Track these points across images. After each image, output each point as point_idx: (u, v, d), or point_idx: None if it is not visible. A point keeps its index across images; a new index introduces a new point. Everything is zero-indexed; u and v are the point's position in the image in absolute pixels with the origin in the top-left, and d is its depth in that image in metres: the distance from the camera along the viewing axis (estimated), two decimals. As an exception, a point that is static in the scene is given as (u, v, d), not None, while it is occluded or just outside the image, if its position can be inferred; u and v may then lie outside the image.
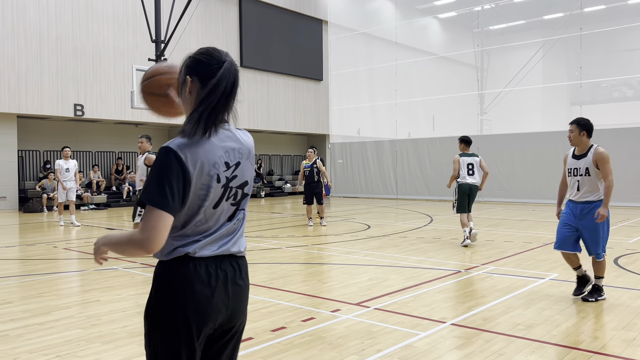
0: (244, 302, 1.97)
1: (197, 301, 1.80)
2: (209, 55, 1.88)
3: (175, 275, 1.82)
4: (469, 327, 4.53)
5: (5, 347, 4.14)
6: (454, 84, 25.86)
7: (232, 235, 1.93)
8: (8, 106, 16.50)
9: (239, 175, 1.91)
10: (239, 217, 1.95)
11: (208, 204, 1.83)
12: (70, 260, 8.25)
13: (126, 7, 19.05)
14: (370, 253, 8.51)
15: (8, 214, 16.08)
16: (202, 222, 1.84)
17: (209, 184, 1.81)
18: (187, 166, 1.75)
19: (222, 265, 1.88)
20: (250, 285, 2.04)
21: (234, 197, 1.90)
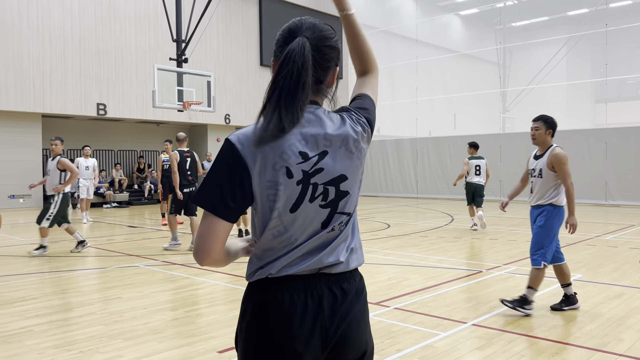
0: (358, 330, 1.55)
1: (278, 341, 1.45)
2: (285, 32, 1.56)
3: (255, 304, 1.49)
4: (491, 328, 4.47)
5: (31, 342, 4.21)
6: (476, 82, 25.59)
7: (327, 244, 1.51)
8: (33, 106, 16.82)
9: (327, 168, 1.47)
10: (337, 222, 1.51)
11: (282, 206, 1.45)
12: (92, 257, 8.37)
13: (147, 7, 19.25)
14: (390, 252, 8.47)
15: (33, 212, 16.39)
16: (280, 231, 1.47)
17: (276, 179, 1.43)
18: (245, 159, 1.42)
19: (315, 289, 1.48)
20: (367, 307, 1.63)
21: (323, 196, 1.47)
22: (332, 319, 1.48)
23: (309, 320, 1.46)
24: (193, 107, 14.22)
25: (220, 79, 20.24)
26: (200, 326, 4.59)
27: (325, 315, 1.47)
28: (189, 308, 5.21)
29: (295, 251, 1.47)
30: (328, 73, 1.58)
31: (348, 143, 1.51)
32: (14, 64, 16.35)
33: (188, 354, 3.92)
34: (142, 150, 21.40)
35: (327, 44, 1.54)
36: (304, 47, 1.47)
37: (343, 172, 1.50)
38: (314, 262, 1.48)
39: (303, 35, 1.50)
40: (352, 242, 1.56)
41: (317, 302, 1.47)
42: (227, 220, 1.44)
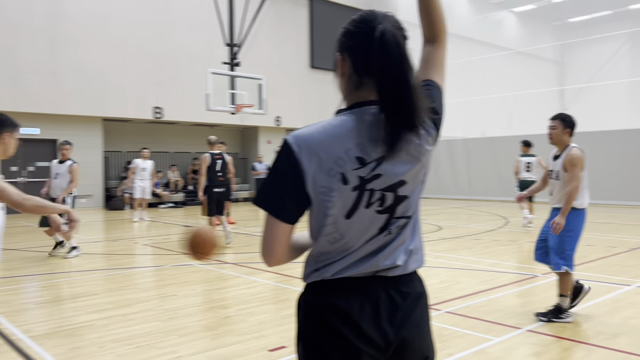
0: (420, 334, 1.50)
1: (335, 343, 1.42)
2: (357, 21, 1.45)
3: (311, 306, 1.48)
4: (546, 334, 4.33)
5: (93, 335, 4.41)
6: (532, 80, 24.83)
7: (384, 247, 1.45)
8: (95, 110, 17.61)
9: (385, 174, 1.40)
10: (395, 226, 1.45)
11: (336, 213, 1.40)
12: (149, 255, 8.68)
13: (202, 13, 19.76)
14: (441, 255, 8.34)
15: (94, 211, 17.16)
16: (337, 237, 1.43)
17: (329, 185, 1.37)
18: (301, 161, 1.37)
19: (372, 293, 1.44)
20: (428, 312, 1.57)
21: (380, 202, 1.41)
22: (390, 323, 1.43)
23: (366, 323, 1.41)
24: (245, 109, 14.50)
25: (271, 82, 20.50)
26: (252, 325, 4.67)
27: (383, 318, 1.42)
28: (241, 306, 5.31)
29: (351, 256, 1.44)
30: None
31: (409, 148, 1.41)
32: (78, 71, 17.17)
33: (239, 351, 4.00)
34: (197, 152, 21.96)
35: (403, 34, 1.43)
36: (394, 34, 1.36)
37: (402, 178, 1.42)
38: (369, 265, 1.43)
39: (384, 24, 1.38)
40: (412, 243, 1.50)
41: (374, 306, 1.43)
42: (285, 222, 1.41)
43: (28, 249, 9.29)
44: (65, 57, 16.95)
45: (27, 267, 7.62)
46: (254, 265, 7.41)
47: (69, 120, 17.49)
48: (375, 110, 1.39)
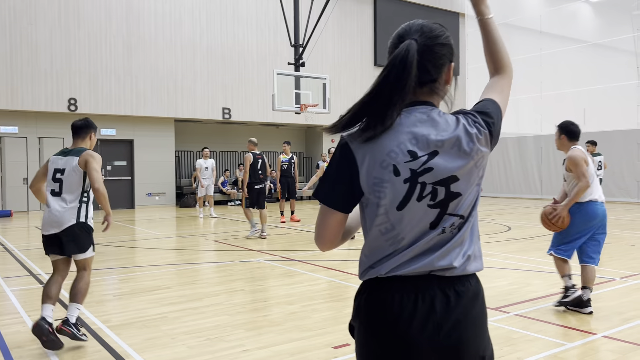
0: (475, 333, 1.51)
1: (389, 339, 1.47)
2: (395, 38, 1.58)
3: (366, 303, 1.53)
4: (625, 342, 4.10)
5: (166, 327, 4.62)
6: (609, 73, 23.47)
7: (439, 247, 1.48)
8: (167, 111, 18.37)
9: (437, 168, 1.46)
10: (448, 224, 1.49)
11: (388, 204, 1.47)
12: (218, 251, 8.96)
13: (267, 14, 20.14)
14: (510, 256, 8.08)
15: (167, 209, 17.90)
16: (388, 228, 1.48)
17: (382, 177, 1.46)
18: (355, 155, 1.48)
19: (427, 291, 1.46)
20: (485, 311, 1.57)
21: (432, 196, 1.47)
22: (446, 321, 1.45)
23: (420, 320, 1.44)
24: (309, 109, 14.64)
25: (335, 81, 20.59)
26: (316, 321, 4.73)
27: (438, 316, 1.45)
28: (306, 303, 5.39)
29: (404, 253, 1.47)
30: (442, 70, 1.56)
31: (461, 144, 1.48)
32: (151, 74, 17.98)
33: (305, 347, 4.07)
34: (263, 151, 22.38)
35: (438, 42, 1.53)
36: (408, 50, 1.47)
37: (454, 173, 1.47)
38: (424, 264, 1.47)
39: (411, 38, 1.51)
40: (470, 248, 1.52)
41: (428, 303, 1.45)
42: (338, 210, 1.51)
43: (108, 244, 9.83)
44: (140, 60, 17.79)
45: (107, 261, 8.07)
46: (318, 263, 7.49)
47: (143, 122, 18.34)
48: (424, 110, 1.52)
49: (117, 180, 18.20)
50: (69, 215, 4.15)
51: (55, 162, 4.27)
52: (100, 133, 17.68)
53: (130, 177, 18.51)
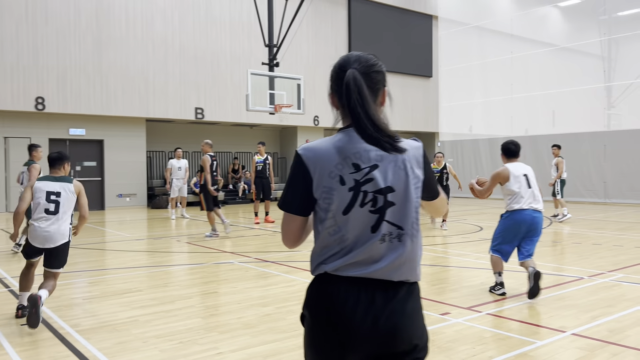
0: (411, 323, 1.71)
1: (326, 332, 1.69)
2: (337, 68, 1.86)
3: (315, 294, 1.76)
4: (593, 339, 4.19)
5: (137, 331, 4.54)
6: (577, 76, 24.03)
7: (381, 258, 1.69)
8: (138, 111, 18.09)
9: (376, 179, 1.69)
10: (387, 232, 1.70)
11: (336, 209, 1.69)
12: (191, 253, 8.85)
13: (241, 15, 20.02)
14: (482, 256, 8.19)
15: (138, 210, 17.62)
16: (335, 230, 1.70)
17: (330, 185, 1.70)
18: (308, 166, 1.72)
19: (369, 287, 1.68)
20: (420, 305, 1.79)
21: (372, 203, 1.69)
22: (384, 312, 1.66)
23: (362, 311, 1.66)
24: (284, 109, 14.60)
25: (310, 82, 20.59)
26: (291, 323, 4.71)
27: (377, 308, 1.66)
28: (280, 304, 5.36)
29: (349, 256, 1.69)
30: (379, 94, 1.81)
31: (397, 160, 1.72)
32: (122, 72, 17.68)
33: (279, 349, 4.04)
34: (237, 152, 22.27)
35: (374, 69, 1.79)
36: (355, 77, 1.72)
37: (391, 185, 1.71)
38: (367, 272, 1.69)
39: (352, 67, 1.76)
40: (410, 259, 1.73)
41: (370, 297, 1.67)
42: (298, 214, 1.78)
43: (77, 246, 9.62)
44: (110, 59, 17.48)
45: (76, 264, 7.89)
46: (293, 264, 7.46)
47: (113, 121, 18.03)
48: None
49: (86, 181, 17.83)
50: (62, 234, 4.83)
51: (47, 185, 4.87)
52: (69, 133, 17.31)
53: (100, 178, 18.16)
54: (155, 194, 18.87)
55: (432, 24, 25.80)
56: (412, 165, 1.74)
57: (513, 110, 22.88)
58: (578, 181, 19.45)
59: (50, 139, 16.95)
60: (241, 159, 22.27)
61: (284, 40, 15.42)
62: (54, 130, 17.04)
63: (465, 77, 25.11)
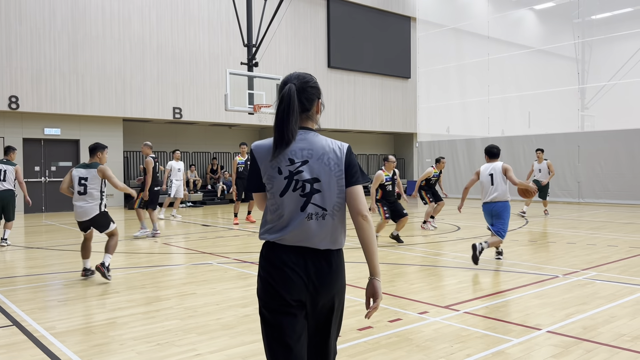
0: (331, 281, 2.25)
1: (270, 285, 2.24)
2: (281, 82, 2.35)
3: (264, 255, 2.29)
4: (567, 336, 4.28)
5: (114, 333, 4.48)
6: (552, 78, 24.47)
7: (310, 232, 2.22)
8: (115, 110, 17.85)
9: (305, 171, 2.22)
10: (313, 212, 2.22)
11: (275, 191, 2.24)
12: (169, 254, 8.77)
13: (220, 14, 19.91)
14: (460, 255, 8.28)
15: (114, 210, 17.38)
16: (275, 208, 2.25)
17: (271, 174, 2.24)
18: (258, 160, 2.29)
19: (301, 253, 2.22)
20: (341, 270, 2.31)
21: (302, 189, 2.22)
22: (312, 270, 2.22)
23: (296, 269, 2.21)
24: (263, 109, 14.54)
25: (289, 82, 20.56)
26: (270, 324, 4.69)
27: (308, 267, 2.22)
28: (259, 306, 5.34)
29: (285, 230, 2.22)
30: (313, 104, 2.34)
31: (323, 158, 2.25)
32: (98, 72, 17.43)
33: (258, 349, 4.03)
34: (215, 152, 22.12)
35: (309, 85, 2.32)
36: (290, 90, 2.25)
37: (317, 176, 2.23)
38: (299, 242, 2.22)
39: (291, 83, 2.28)
40: (333, 234, 2.26)
41: (302, 260, 2.22)
42: (259, 192, 2.34)
43: (52, 247, 9.46)
44: (86, 58, 17.22)
45: (50, 265, 7.76)
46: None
47: (89, 121, 17.76)
48: (303, 132, 2.29)
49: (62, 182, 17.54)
50: (92, 208, 6.41)
51: (78, 172, 6.48)
52: (44, 132, 17.00)
53: (76, 179, 17.86)
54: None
55: (411, 26, 26.00)
56: (335, 162, 2.25)
57: (490, 111, 23.18)
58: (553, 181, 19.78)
59: (24, 138, 16.64)
60: (220, 159, 22.13)
61: (263, 40, 15.37)
62: (28, 129, 16.73)
63: (443, 78, 25.36)
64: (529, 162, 20.41)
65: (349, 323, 4.66)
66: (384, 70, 25.09)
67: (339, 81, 23.41)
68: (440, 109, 25.28)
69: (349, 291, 5.86)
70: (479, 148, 22.23)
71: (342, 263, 2.33)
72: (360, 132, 26.03)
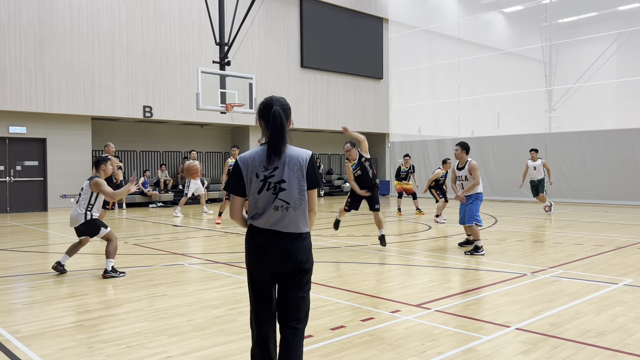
0: (296, 252, 2.89)
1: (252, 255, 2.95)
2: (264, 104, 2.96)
3: (248, 237, 2.98)
4: (535, 333, 4.37)
5: (81, 336, 4.38)
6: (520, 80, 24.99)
7: (278, 219, 2.89)
8: (84, 109, 17.48)
9: (276, 175, 2.89)
10: (279, 205, 2.88)
11: (254, 191, 2.91)
12: (139, 255, 8.62)
13: (192, 12, 19.69)
14: (431, 254, 8.38)
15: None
16: (254, 202, 2.92)
17: (251, 178, 2.92)
18: (241, 167, 2.95)
19: (274, 235, 2.89)
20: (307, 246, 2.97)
21: (274, 189, 2.89)
22: (280, 247, 2.88)
23: (270, 246, 2.89)
24: (235, 109, 14.44)
25: (262, 81, 20.49)
26: (243, 324, 4.67)
27: (277, 245, 2.89)
28: (232, 306, 5.30)
29: (261, 218, 2.90)
30: (288, 120, 2.98)
31: (291, 164, 2.90)
32: (66, 69, 17.04)
33: (231, 351, 4.00)
34: (187, 152, 21.87)
35: (286, 107, 2.98)
36: (279, 111, 2.90)
37: (284, 179, 2.89)
38: (271, 227, 2.89)
39: (275, 105, 2.92)
40: (296, 221, 2.91)
41: (273, 239, 2.89)
42: (239, 196, 2.98)
43: (17, 249, 9.21)
44: (53, 55, 16.82)
45: (15, 267, 7.55)
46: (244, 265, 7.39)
47: (57, 119, 17.35)
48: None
49: (27, 182, 17.10)
50: (78, 216, 6.78)
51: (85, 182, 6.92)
52: (8, 131, 16.54)
53: (42, 178, 17.44)
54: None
55: (383, 27, 26.18)
56: (298, 167, 2.91)
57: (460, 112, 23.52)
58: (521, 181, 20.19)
59: (-13, 137, 16.15)
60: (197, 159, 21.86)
61: (235, 38, 15.27)
62: (-8, 128, 16.25)
63: (415, 79, 25.62)
64: (499, 162, 20.80)
65: (322, 323, 4.66)
66: (357, 70, 25.21)
67: (312, 81, 23.41)
68: (412, 109, 25.53)
69: (321, 291, 5.88)
70: (449, 148, 22.53)
71: (306, 244, 2.97)
72: (334, 132, 26.10)
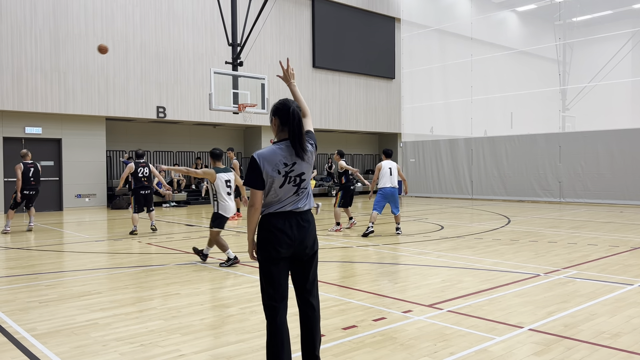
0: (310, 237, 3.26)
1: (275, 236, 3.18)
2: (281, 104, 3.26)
3: (263, 223, 3.22)
4: (549, 334, 4.34)
5: (96, 334, 4.44)
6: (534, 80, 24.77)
7: (296, 200, 3.23)
8: (98, 109, 17.66)
9: (296, 169, 3.20)
10: (299, 191, 3.24)
11: (276, 186, 3.17)
12: (153, 254, 8.70)
13: (204, 13, 19.80)
14: (443, 254, 8.35)
15: (97, 210, 17.20)
16: (275, 196, 3.19)
17: (272, 175, 3.16)
18: (260, 165, 3.17)
19: (289, 218, 3.20)
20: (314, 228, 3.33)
21: (294, 182, 3.21)
22: (297, 231, 3.20)
23: (287, 230, 3.18)
24: (248, 109, 14.50)
25: (274, 81, 20.54)
26: (255, 323, 4.70)
27: (294, 229, 3.20)
28: (244, 305, 5.33)
29: (281, 203, 3.19)
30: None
31: (305, 157, 3.24)
32: (81, 70, 17.23)
33: (243, 349, 4.03)
34: (200, 152, 22.00)
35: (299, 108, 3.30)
36: (297, 111, 3.22)
37: (303, 171, 3.24)
38: (290, 207, 3.21)
39: (293, 105, 3.23)
40: (307, 200, 3.29)
41: (289, 223, 3.20)
42: (259, 189, 3.19)
43: (33, 248, 9.33)
44: (68, 56, 17.01)
45: (32, 266, 7.66)
46: (256, 264, 7.42)
47: (72, 120, 17.55)
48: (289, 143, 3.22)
49: (43, 181, 17.28)
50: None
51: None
52: (25, 131, 16.76)
53: (58, 178, 17.65)
54: (115, 194, 18.46)
55: (395, 26, 26.11)
56: (310, 158, 3.27)
57: (473, 111, 23.38)
58: (534, 181, 20.05)
59: (4, 137, 16.39)
60: (204, 159, 22.00)
61: (247, 39, 15.33)
62: (9, 128, 16.49)
63: (427, 79, 25.51)
64: (512, 162, 20.67)
65: (334, 322, 4.67)
66: (369, 70, 25.17)
67: (323, 81, 23.43)
68: (424, 109, 25.43)
69: (333, 290, 5.89)
70: (462, 148, 22.42)
71: (313, 219, 3.37)
72: (345, 132, 26.08)
